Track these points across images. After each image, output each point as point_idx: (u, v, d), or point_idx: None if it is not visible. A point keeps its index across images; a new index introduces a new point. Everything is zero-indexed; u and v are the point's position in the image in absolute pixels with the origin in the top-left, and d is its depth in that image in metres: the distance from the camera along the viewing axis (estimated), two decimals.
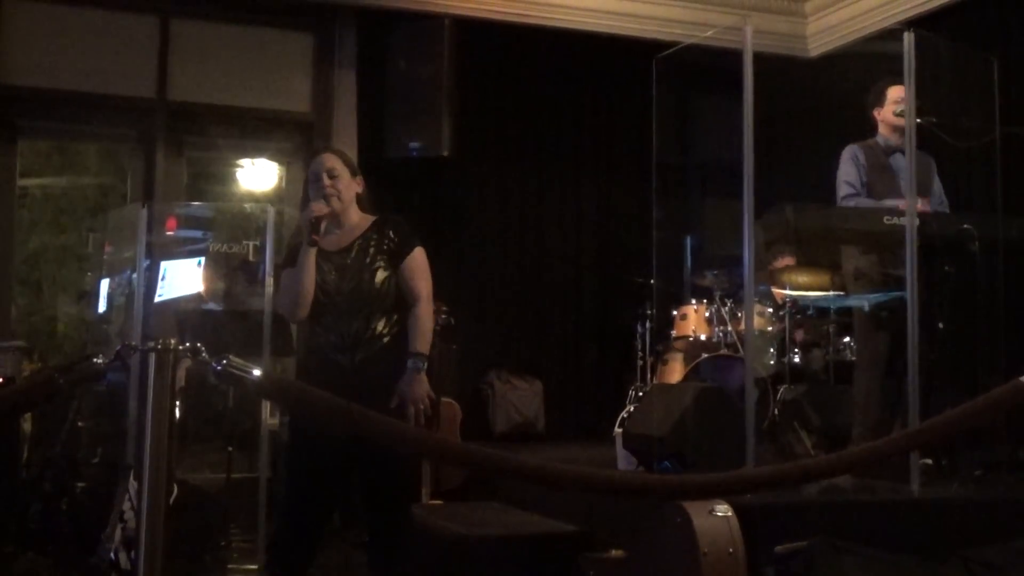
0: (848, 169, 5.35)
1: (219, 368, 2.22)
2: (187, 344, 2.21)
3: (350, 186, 3.72)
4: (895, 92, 5.27)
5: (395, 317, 3.68)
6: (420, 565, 4.56)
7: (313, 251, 3.58)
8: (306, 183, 3.76)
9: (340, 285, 3.63)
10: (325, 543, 5.29)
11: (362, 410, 2.34)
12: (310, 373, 3.68)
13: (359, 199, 3.79)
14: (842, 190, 5.35)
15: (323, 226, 3.60)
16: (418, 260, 3.75)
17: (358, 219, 3.77)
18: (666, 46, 5.46)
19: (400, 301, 3.69)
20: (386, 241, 3.70)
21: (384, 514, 3.64)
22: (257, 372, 2.23)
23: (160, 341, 2.14)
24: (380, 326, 3.64)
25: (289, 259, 3.68)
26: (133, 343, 2.18)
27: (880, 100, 5.35)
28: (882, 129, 5.41)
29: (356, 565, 4.68)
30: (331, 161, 3.70)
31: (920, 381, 4.50)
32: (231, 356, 2.19)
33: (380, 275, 3.66)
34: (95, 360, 2.16)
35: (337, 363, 3.57)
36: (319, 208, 3.59)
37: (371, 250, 3.68)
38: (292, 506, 3.63)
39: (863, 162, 5.34)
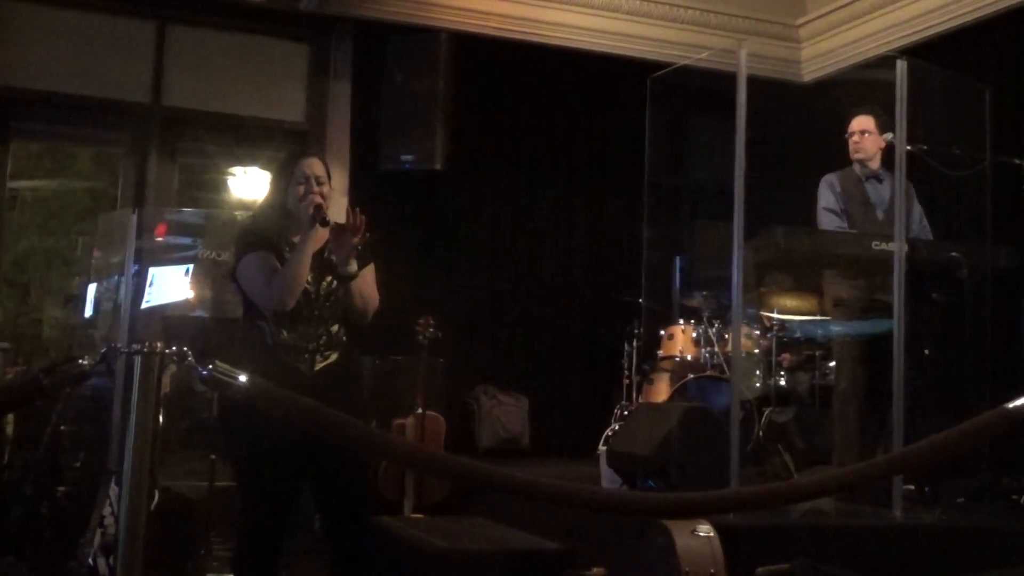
0: (827, 197, 5.40)
1: (205, 373, 2.21)
2: (173, 348, 2.21)
3: (329, 194, 3.72)
4: (853, 123, 5.37)
5: (346, 329, 3.71)
6: None
7: (313, 237, 3.57)
8: (281, 175, 3.73)
9: (314, 287, 3.63)
10: (308, 552, 5.28)
11: (356, 422, 2.34)
12: (265, 377, 3.59)
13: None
14: (824, 218, 5.39)
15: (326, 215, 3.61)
16: (368, 275, 3.74)
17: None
18: (661, 66, 5.48)
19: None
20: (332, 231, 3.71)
21: (342, 524, 3.64)
22: (243, 378, 2.23)
23: (146, 344, 2.14)
24: (338, 335, 3.67)
25: (259, 242, 3.62)
26: (119, 346, 2.18)
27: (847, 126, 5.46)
28: (851, 156, 5.49)
29: None
30: (319, 168, 3.70)
31: (905, 407, 4.51)
32: (217, 361, 2.19)
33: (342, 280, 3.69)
34: (80, 361, 2.15)
35: (296, 369, 3.55)
36: (320, 198, 3.60)
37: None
38: (252, 518, 3.62)
39: (839, 190, 5.39)
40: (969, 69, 6.67)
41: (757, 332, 6.65)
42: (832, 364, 6.48)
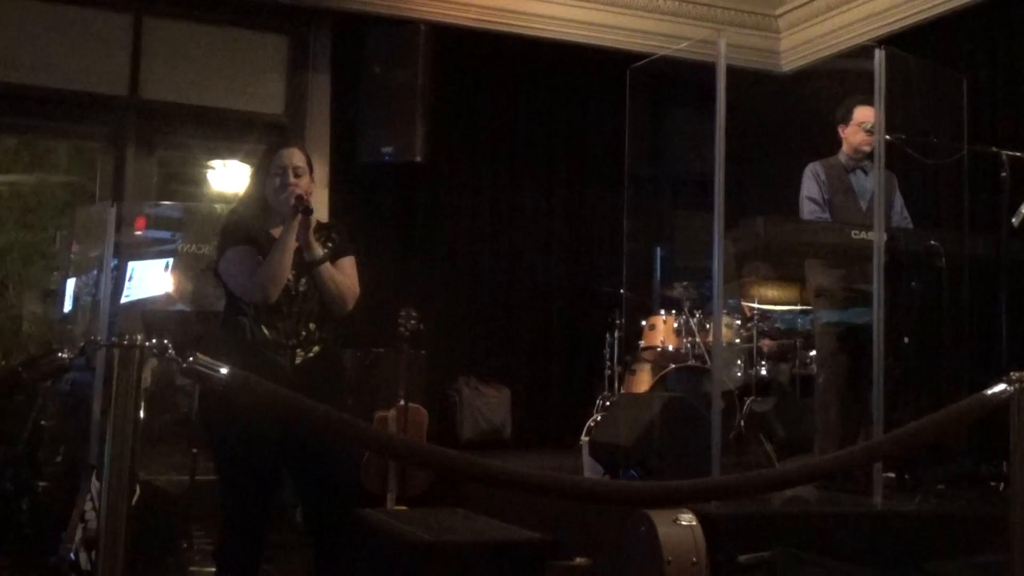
0: (810, 186, 5.39)
1: (185, 365, 2.21)
2: (153, 341, 2.20)
3: (309, 187, 3.70)
4: (861, 113, 5.31)
5: (329, 324, 3.69)
6: (384, 571, 4.55)
7: (295, 228, 3.55)
8: (260, 168, 3.72)
9: (295, 284, 3.61)
10: (291, 546, 5.28)
11: (338, 413, 2.34)
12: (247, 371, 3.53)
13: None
14: (806, 207, 5.38)
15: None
16: (347, 266, 3.72)
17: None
18: (640, 57, 5.48)
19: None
20: (330, 244, 3.70)
21: (324, 516, 3.64)
22: (224, 370, 2.22)
23: (126, 337, 2.13)
24: (319, 331, 3.66)
25: (241, 236, 3.60)
26: (99, 339, 2.17)
27: (847, 118, 5.38)
28: (845, 147, 5.46)
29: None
30: (298, 159, 3.68)
31: (885, 395, 4.54)
32: (197, 353, 2.18)
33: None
34: (60, 355, 2.15)
35: (276, 363, 3.53)
36: (299, 189, 3.59)
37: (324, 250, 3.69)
38: (234, 510, 3.61)
39: (824, 179, 5.38)
40: (946, 58, 6.71)
41: (738, 322, 6.67)
42: (812, 353, 6.51)
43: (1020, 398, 2.55)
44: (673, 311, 6.96)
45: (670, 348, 6.82)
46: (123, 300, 6.19)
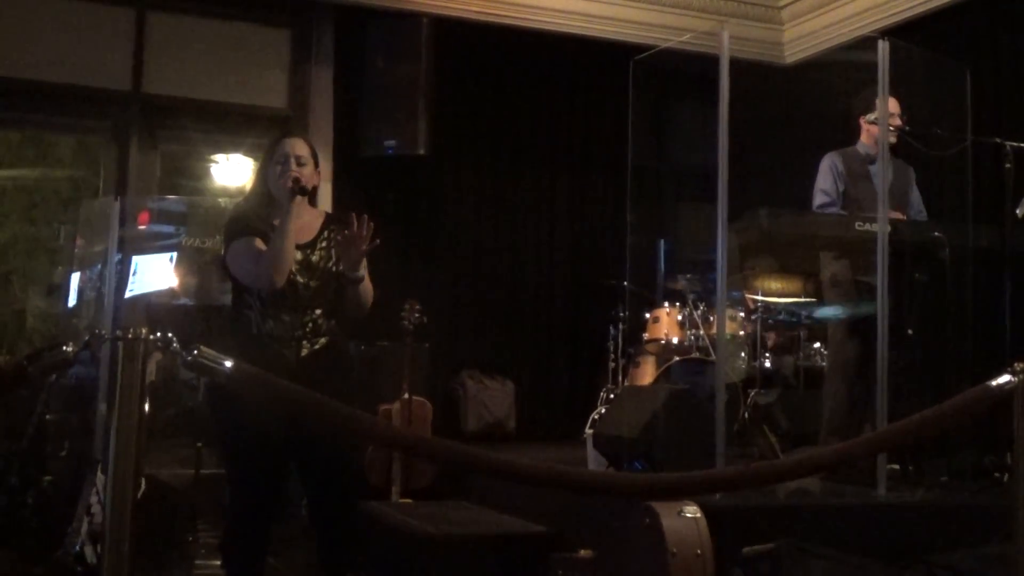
0: (825, 177, 5.38)
1: (189, 358, 2.21)
2: (157, 335, 2.20)
3: (312, 177, 3.70)
4: (892, 105, 5.27)
5: (333, 320, 3.70)
6: (388, 563, 4.56)
7: (294, 213, 3.55)
8: (264, 159, 3.72)
9: (304, 279, 3.61)
10: (296, 539, 5.29)
11: (341, 406, 2.34)
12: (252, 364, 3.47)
13: (313, 192, 3.77)
14: (817, 198, 5.38)
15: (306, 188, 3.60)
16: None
17: (313, 213, 3.76)
18: (643, 49, 5.47)
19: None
20: (340, 238, 3.70)
21: (329, 509, 3.65)
22: (228, 363, 2.22)
23: (130, 331, 2.13)
24: (325, 325, 3.66)
25: (246, 228, 3.62)
26: (103, 332, 2.17)
27: (872, 107, 5.32)
28: (865, 137, 5.43)
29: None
30: (300, 148, 3.68)
31: (889, 387, 4.54)
32: (201, 346, 2.18)
33: (333, 274, 3.68)
34: (64, 348, 2.15)
35: (282, 356, 3.55)
36: (296, 174, 3.59)
37: (332, 249, 3.70)
38: (240, 502, 3.62)
39: (841, 170, 5.37)
40: (950, 49, 6.68)
41: (742, 314, 6.67)
42: (816, 345, 6.51)
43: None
44: (677, 303, 6.96)
45: (674, 340, 6.82)
46: (127, 294, 6.19)
